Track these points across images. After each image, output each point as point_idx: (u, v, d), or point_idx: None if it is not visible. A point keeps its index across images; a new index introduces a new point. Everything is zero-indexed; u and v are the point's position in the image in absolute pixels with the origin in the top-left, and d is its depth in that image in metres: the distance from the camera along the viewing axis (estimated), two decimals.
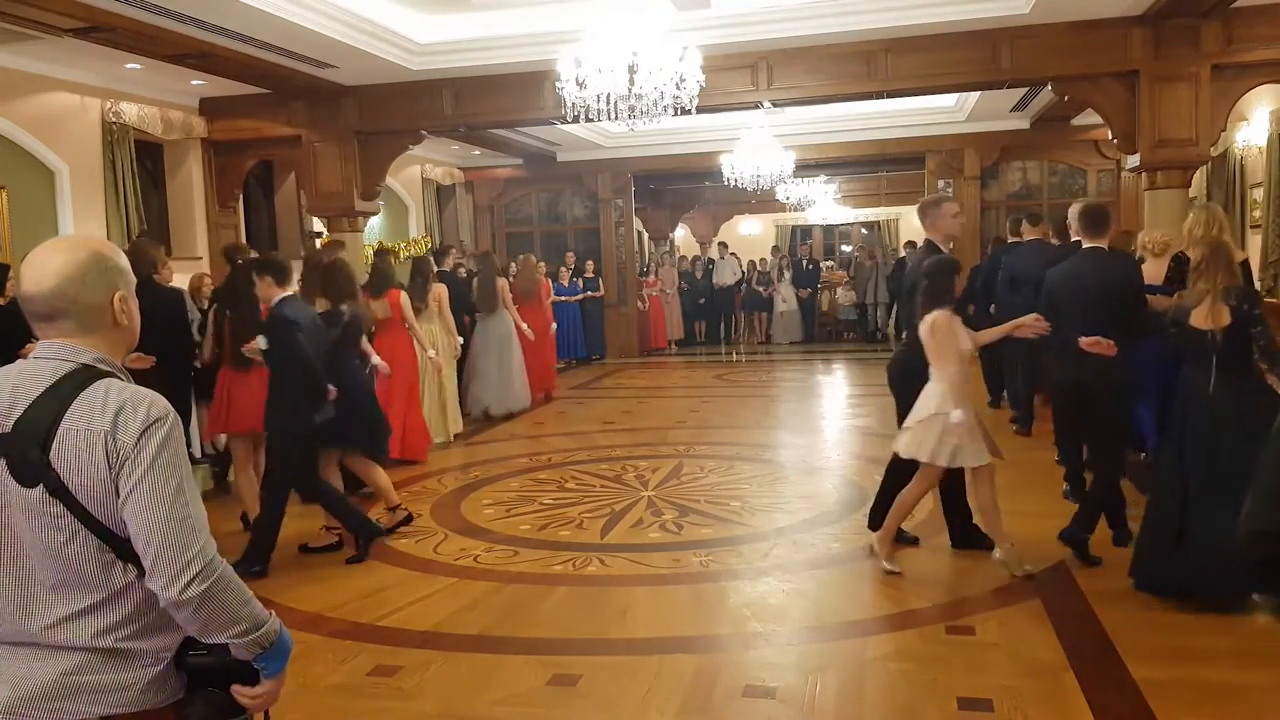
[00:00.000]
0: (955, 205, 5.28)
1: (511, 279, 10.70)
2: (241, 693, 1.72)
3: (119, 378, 1.70)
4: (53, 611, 1.63)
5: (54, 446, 1.60)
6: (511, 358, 9.84)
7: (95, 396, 1.63)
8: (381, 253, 8.34)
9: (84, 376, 1.66)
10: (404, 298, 7.59)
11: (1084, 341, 4.63)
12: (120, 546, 1.63)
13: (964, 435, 4.55)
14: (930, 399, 4.64)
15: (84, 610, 1.63)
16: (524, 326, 9.95)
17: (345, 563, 5.35)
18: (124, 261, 1.79)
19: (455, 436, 8.69)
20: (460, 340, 8.69)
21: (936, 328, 4.61)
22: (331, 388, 5.20)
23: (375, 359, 6.52)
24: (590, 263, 14.79)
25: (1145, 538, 4.41)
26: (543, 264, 12.00)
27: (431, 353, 7.82)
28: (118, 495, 1.61)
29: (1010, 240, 8.63)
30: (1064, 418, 5.38)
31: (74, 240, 1.80)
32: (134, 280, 1.82)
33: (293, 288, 5.31)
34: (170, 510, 1.60)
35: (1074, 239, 6.10)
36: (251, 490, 5.78)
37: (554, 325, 11.42)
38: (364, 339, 6.28)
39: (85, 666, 1.63)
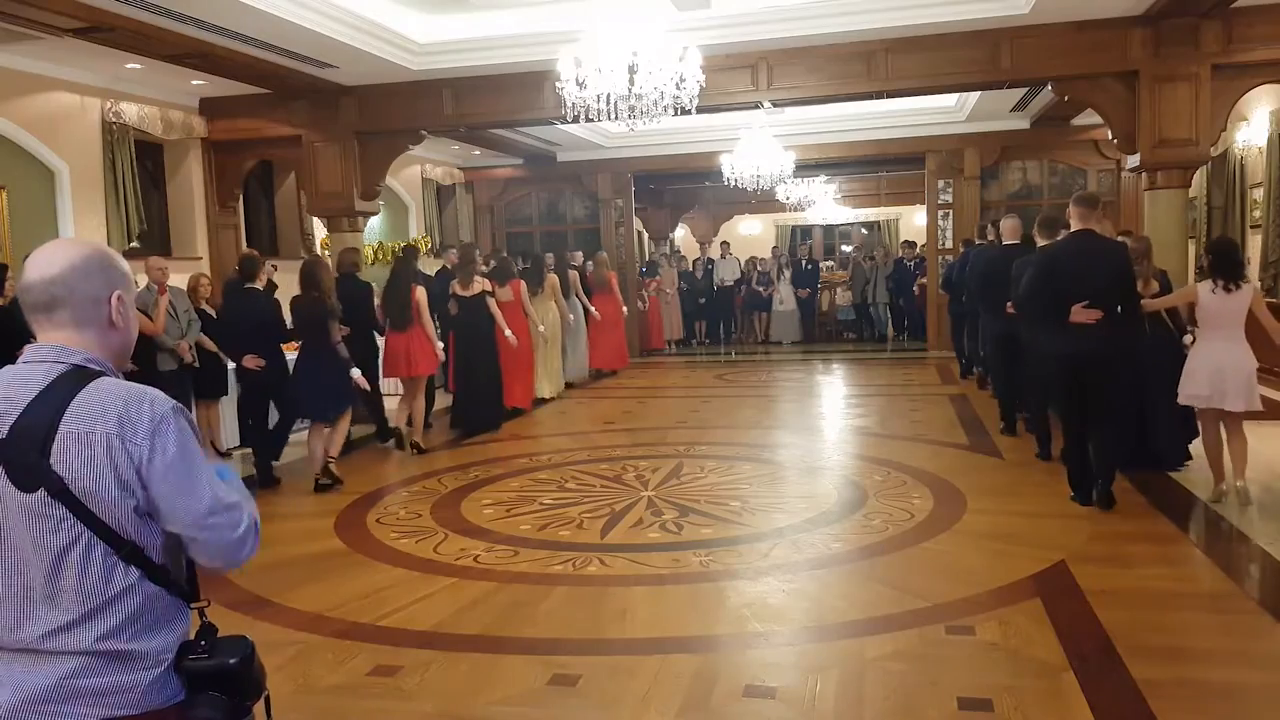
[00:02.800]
0: None
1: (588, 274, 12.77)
2: None
3: (111, 377, 1.70)
4: (52, 618, 1.62)
5: (54, 450, 1.59)
6: (579, 337, 12.07)
7: (92, 399, 1.62)
8: (500, 253, 11.12)
9: (76, 378, 1.65)
10: (523, 286, 9.80)
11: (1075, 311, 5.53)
12: (124, 549, 1.63)
13: None
14: (1250, 356, 5.66)
15: (84, 616, 1.62)
16: (593, 311, 12.20)
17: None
18: (126, 267, 1.79)
19: (557, 396, 11.00)
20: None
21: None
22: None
23: (508, 333, 9.14)
24: (590, 263, 14.76)
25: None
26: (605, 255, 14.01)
27: (541, 328, 10.20)
28: (134, 498, 1.62)
29: (977, 242, 10.46)
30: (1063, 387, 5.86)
31: (79, 239, 1.84)
32: (134, 288, 1.82)
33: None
34: (207, 499, 1.67)
35: (1008, 241, 7.93)
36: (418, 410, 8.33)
37: (624, 309, 13.49)
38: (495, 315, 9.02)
39: (86, 670, 1.62)
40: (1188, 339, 5.94)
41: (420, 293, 8.19)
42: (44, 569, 1.62)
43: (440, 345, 8.41)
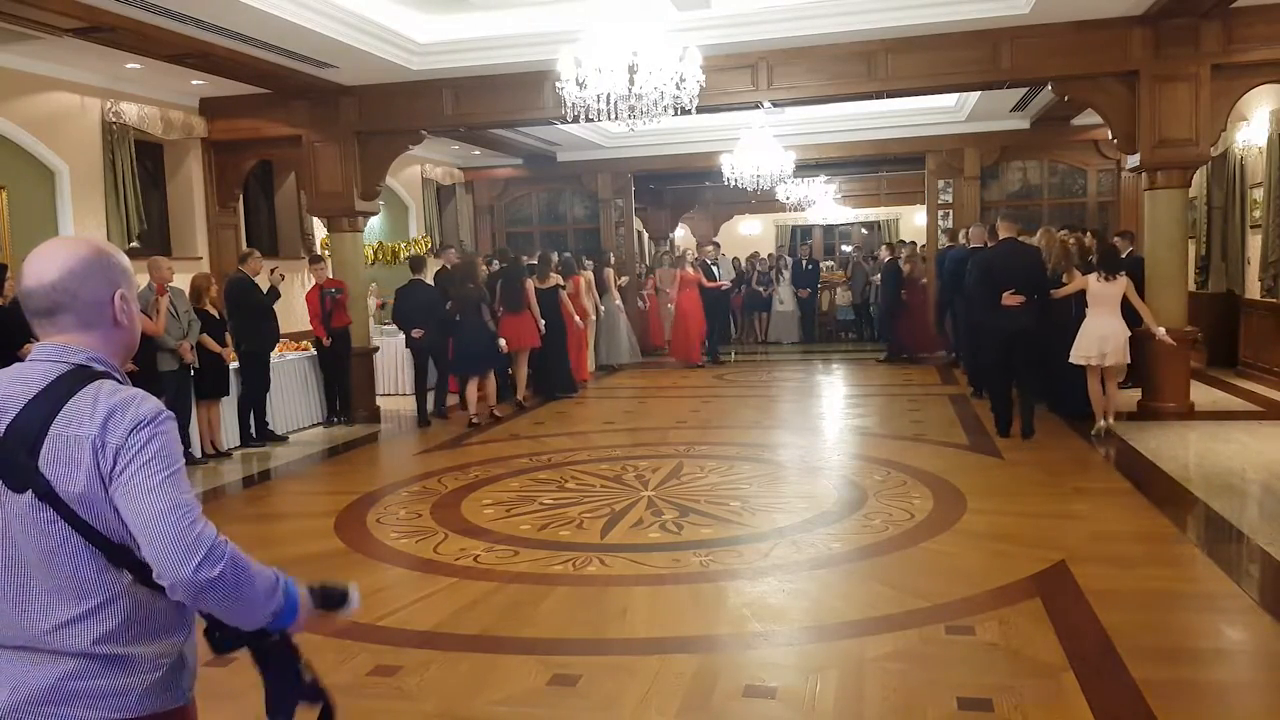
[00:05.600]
0: None
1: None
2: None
3: (114, 377, 1.68)
4: (50, 616, 1.61)
5: (43, 451, 1.58)
6: (617, 327, 13.71)
7: (85, 401, 1.60)
8: (565, 252, 12.88)
9: (76, 379, 1.63)
10: (583, 280, 12.10)
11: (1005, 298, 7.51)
12: (113, 552, 1.61)
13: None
14: (1124, 327, 7.55)
15: (81, 615, 1.61)
16: (622, 305, 14.01)
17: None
18: (125, 261, 1.77)
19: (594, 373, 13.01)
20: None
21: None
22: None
23: (578, 319, 11.47)
24: (590, 262, 14.76)
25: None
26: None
27: (598, 312, 12.75)
28: (109, 498, 1.59)
29: (947, 244, 12.70)
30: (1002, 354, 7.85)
31: (76, 238, 1.80)
32: (135, 283, 1.80)
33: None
34: (164, 500, 1.56)
35: (974, 245, 9.85)
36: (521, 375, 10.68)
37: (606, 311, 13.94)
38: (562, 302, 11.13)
39: (83, 671, 1.61)
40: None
41: (529, 284, 10.44)
42: (40, 568, 1.61)
43: (543, 322, 10.49)
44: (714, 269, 14.80)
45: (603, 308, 13.18)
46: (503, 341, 9.69)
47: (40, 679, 1.60)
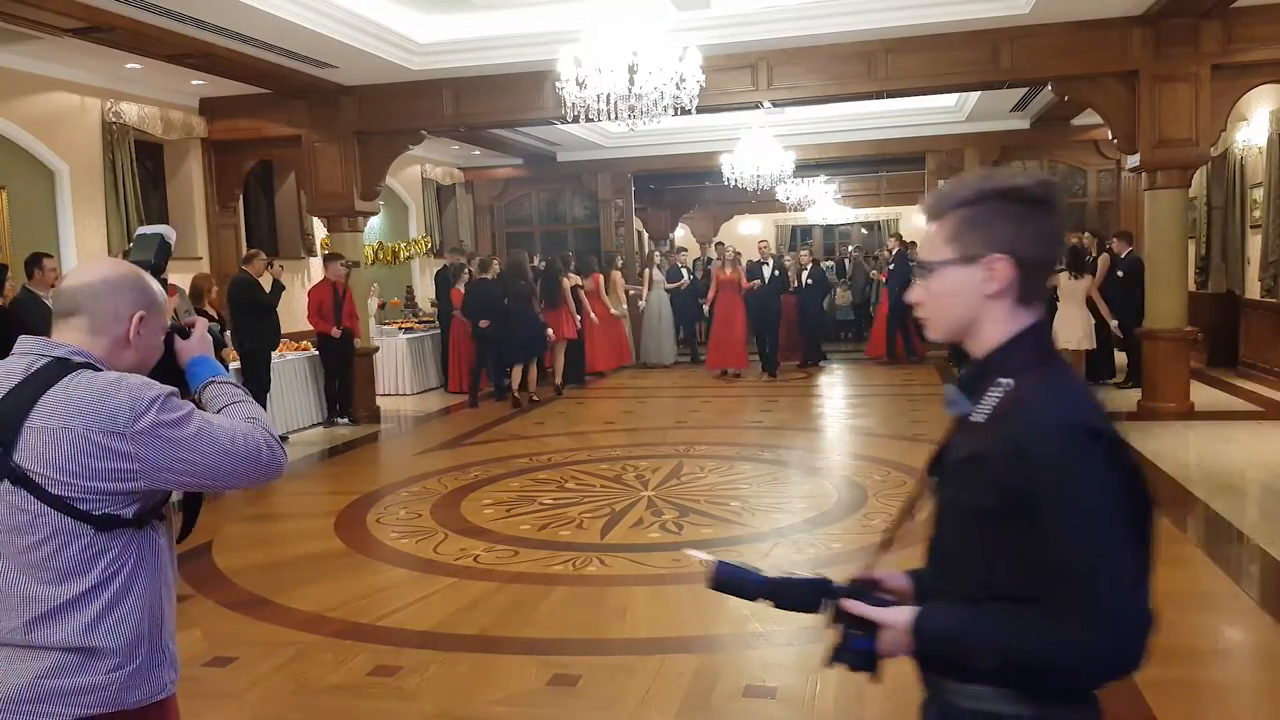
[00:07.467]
0: None
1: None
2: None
3: (94, 368, 1.67)
4: (26, 610, 1.61)
5: (20, 443, 1.58)
6: (645, 326, 14.27)
7: (64, 393, 1.60)
8: (581, 253, 13.51)
9: (55, 371, 1.63)
10: (600, 279, 12.97)
11: None
12: (99, 523, 1.61)
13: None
14: (1088, 316, 9.14)
15: (58, 608, 1.60)
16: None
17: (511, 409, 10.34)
18: (162, 298, 1.79)
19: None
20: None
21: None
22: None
23: (593, 315, 12.32)
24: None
25: None
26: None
27: (616, 311, 13.37)
28: (123, 482, 1.60)
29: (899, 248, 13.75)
30: None
31: (126, 263, 1.84)
32: (165, 317, 1.82)
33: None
34: (215, 451, 1.66)
35: None
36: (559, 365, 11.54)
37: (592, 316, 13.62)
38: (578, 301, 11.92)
39: (60, 668, 1.61)
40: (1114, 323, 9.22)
41: (565, 282, 11.50)
42: (18, 560, 1.61)
43: (578, 319, 11.62)
44: (764, 269, 12.64)
45: (659, 300, 14.04)
46: (550, 331, 10.83)
47: (18, 678, 1.60)
